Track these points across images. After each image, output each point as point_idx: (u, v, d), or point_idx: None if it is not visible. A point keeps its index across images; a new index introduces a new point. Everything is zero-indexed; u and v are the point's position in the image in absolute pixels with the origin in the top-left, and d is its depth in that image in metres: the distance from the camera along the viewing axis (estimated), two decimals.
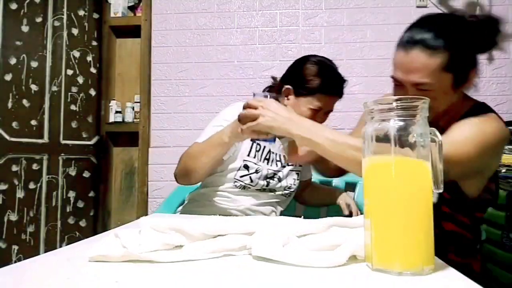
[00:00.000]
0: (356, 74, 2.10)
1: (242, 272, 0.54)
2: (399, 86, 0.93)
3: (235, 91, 2.17)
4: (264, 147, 1.28)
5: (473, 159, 0.86)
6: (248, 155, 1.25)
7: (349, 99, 2.10)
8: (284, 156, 1.31)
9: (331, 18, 2.14)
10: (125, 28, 2.30)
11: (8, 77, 1.83)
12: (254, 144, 1.26)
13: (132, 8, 2.34)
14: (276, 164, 1.30)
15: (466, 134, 0.88)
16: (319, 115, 1.22)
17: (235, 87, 2.17)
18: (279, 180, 1.29)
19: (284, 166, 1.31)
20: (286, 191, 1.31)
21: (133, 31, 2.28)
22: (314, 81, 1.20)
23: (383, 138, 0.54)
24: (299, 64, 1.26)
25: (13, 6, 1.86)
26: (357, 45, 2.11)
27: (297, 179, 1.33)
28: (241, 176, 1.23)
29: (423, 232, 0.51)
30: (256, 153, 1.26)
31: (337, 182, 1.90)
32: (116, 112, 2.28)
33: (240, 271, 0.55)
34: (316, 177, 1.92)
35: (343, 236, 0.60)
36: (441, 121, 0.98)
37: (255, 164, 1.25)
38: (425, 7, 2.04)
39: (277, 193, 1.29)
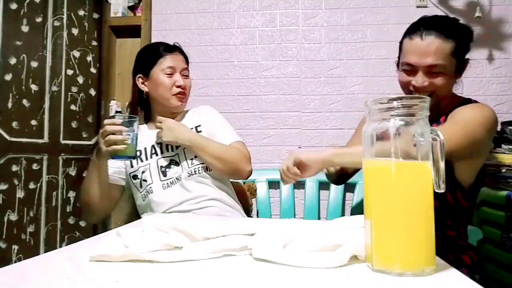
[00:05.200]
0: (356, 74, 2.10)
1: (242, 273, 0.54)
2: (409, 71, 1.04)
3: (235, 91, 2.17)
4: (146, 148, 1.29)
5: (474, 134, 0.98)
6: (132, 167, 1.28)
7: (349, 99, 2.11)
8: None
9: (331, 18, 2.14)
10: (125, 28, 2.30)
11: (8, 77, 1.83)
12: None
13: (132, 8, 2.34)
14: (171, 149, 1.29)
15: (467, 115, 1.01)
16: (178, 77, 1.29)
17: (235, 87, 2.17)
18: (177, 163, 1.26)
19: (177, 148, 1.28)
20: (192, 167, 1.25)
21: (133, 31, 2.27)
22: (150, 54, 1.32)
23: (383, 138, 0.54)
24: (139, 53, 1.39)
25: (13, 6, 1.86)
26: (357, 45, 2.10)
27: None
28: (140, 188, 1.26)
29: (424, 233, 0.51)
30: (139, 157, 1.28)
31: None
32: (116, 112, 2.28)
33: (239, 271, 0.55)
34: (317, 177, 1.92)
35: (344, 236, 0.60)
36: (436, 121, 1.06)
37: (142, 166, 1.26)
38: (425, 7, 2.04)
39: (183, 175, 1.24)
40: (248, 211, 1.52)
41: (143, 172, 1.26)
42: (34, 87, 1.92)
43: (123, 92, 2.35)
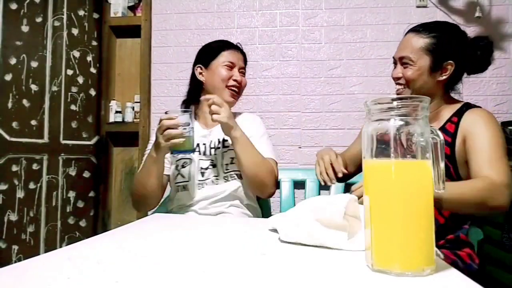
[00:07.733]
0: (356, 74, 2.10)
1: (242, 273, 0.54)
2: (394, 65, 1.16)
3: None
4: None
5: (503, 151, 1.00)
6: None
7: (349, 99, 2.11)
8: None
9: (331, 18, 2.14)
10: (125, 28, 2.30)
11: (8, 77, 1.83)
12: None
13: (132, 8, 2.34)
14: (210, 152, 1.32)
15: (490, 140, 1.01)
16: (236, 72, 1.34)
17: None
18: (214, 166, 1.30)
19: (218, 148, 1.32)
20: (228, 173, 1.29)
21: (133, 31, 2.27)
22: (213, 47, 1.40)
23: (383, 138, 0.54)
24: (202, 47, 1.46)
25: (13, 6, 1.86)
26: (357, 45, 2.10)
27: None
28: (176, 179, 1.31)
29: (424, 232, 0.51)
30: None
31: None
32: (116, 112, 2.28)
33: (240, 272, 0.55)
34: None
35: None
36: (434, 123, 1.08)
37: (184, 158, 1.30)
38: (425, 7, 2.04)
39: (220, 175, 1.29)
40: None
41: (183, 166, 1.29)
42: (34, 87, 1.92)
43: (123, 92, 2.35)
